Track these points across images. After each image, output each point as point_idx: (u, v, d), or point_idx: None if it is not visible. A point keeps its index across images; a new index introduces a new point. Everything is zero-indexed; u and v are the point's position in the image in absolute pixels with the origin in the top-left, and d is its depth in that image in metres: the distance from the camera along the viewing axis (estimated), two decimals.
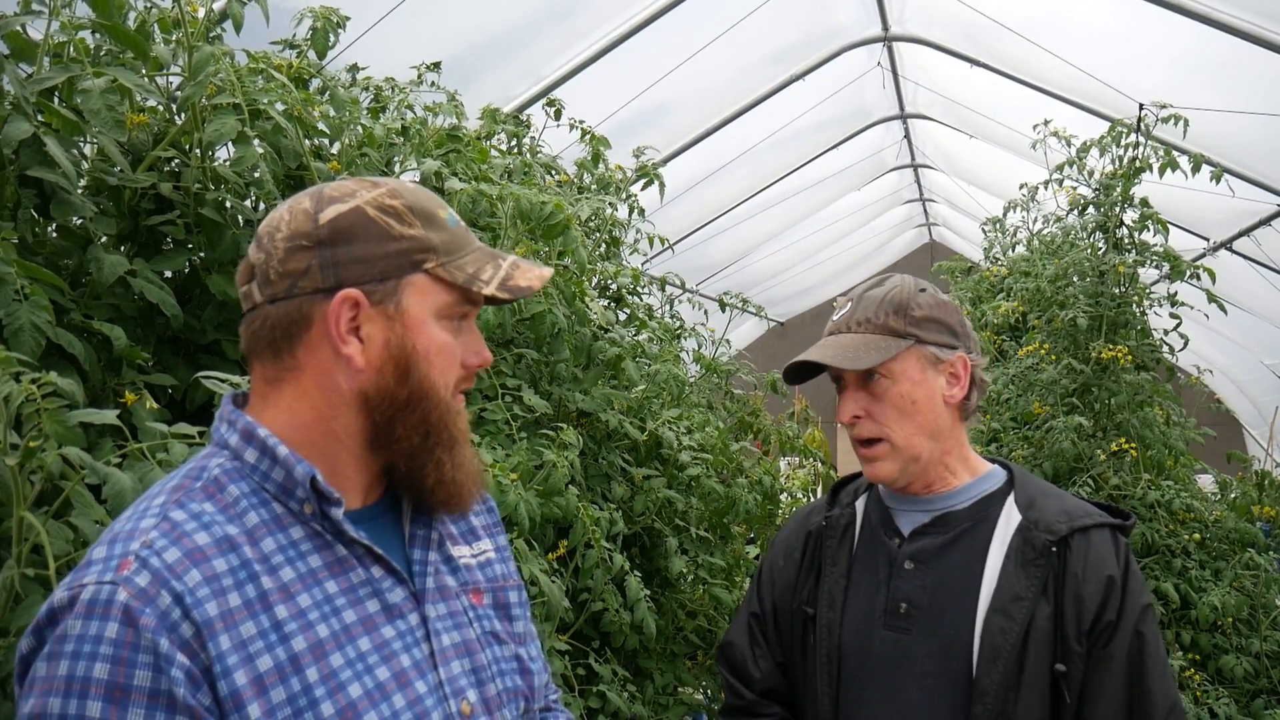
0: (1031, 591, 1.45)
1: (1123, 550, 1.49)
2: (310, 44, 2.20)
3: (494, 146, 2.90)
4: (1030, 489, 1.55)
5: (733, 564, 3.00)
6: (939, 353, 1.53)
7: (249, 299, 1.02)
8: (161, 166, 1.81)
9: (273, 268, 0.99)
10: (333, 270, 0.98)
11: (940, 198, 9.57)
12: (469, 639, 1.08)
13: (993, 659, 1.42)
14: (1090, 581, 1.45)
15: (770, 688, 1.67)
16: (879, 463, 1.53)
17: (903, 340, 1.51)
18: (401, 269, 1.00)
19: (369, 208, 1.00)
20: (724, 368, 3.60)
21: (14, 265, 1.40)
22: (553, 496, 2.05)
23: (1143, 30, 4.46)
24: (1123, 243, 3.76)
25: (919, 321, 1.53)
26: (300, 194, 1.04)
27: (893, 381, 1.51)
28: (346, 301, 0.98)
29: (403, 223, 1.01)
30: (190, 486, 0.97)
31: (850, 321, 1.56)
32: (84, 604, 0.86)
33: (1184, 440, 3.81)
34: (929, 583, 1.51)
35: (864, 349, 1.51)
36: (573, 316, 2.35)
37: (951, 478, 1.57)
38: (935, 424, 1.53)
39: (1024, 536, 1.49)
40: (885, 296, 1.55)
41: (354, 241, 0.99)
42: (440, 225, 1.04)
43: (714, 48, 5.18)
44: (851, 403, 1.54)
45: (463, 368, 1.06)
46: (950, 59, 5.74)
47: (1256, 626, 3.33)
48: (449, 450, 1.04)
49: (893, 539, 1.57)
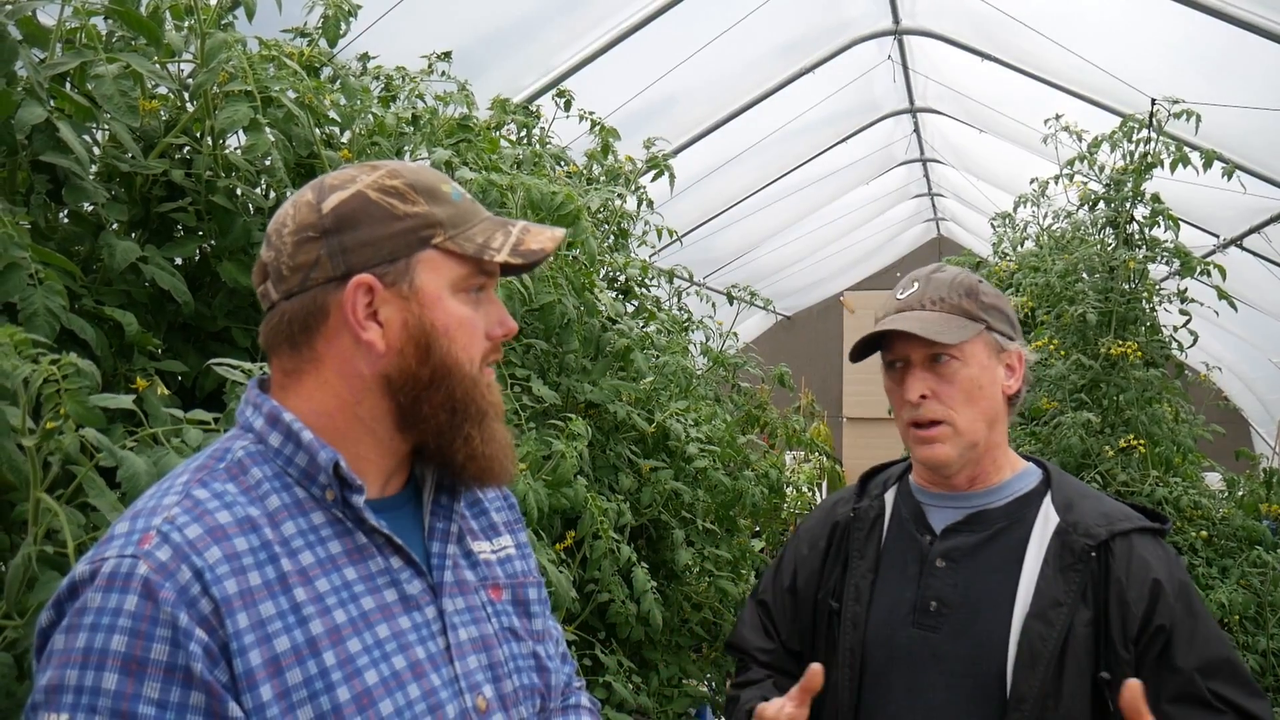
0: (1070, 597, 1.42)
1: (1166, 552, 1.47)
2: (321, 32, 2.20)
3: (504, 137, 2.90)
4: (1067, 489, 1.53)
5: (739, 556, 3.00)
6: (1002, 341, 1.52)
7: (266, 298, 1.02)
8: (173, 153, 1.81)
9: (284, 263, 0.99)
10: (342, 257, 0.98)
11: (949, 192, 9.54)
12: (486, 634, 1.07)
13: (1031, 665, 1.39)
14: (1134, 586, 1.42)
15: (781, 669, 1.65)
16: (938, 445, 1.50)
17: (976, 324, 1.49)
18: (410, 247, 1.00)
19: (370, 191, 1.00)
20: (731, 360, 3.60)
21: (28, 250, 1.40)
22: (561, 487, 2.05)
23: (1154, 24, 4.43)
24: (1133, 238, 3.74)
25: (987, 308, 1.51)
26: (303, 188, 1.03)
27: (963, 364, 1.48)
28: (360, 287, 0.98)
29: (406, 201, 1.01)
30: (214, 467, 0.97)
31: (923, 299, 1.51)
32: (104, 577, 0.86)
33: (1192, 437, 3.80)
34: (961, 582, 1.48)
35: (946, 325, 1.47)
36: (582, 307, 2.36)
37: (994, 473, 1.55)
38: (994, 412, 1.52)
39: (1062, 540, 1.46)
40: (955, 279, 1.53)
41: (359, 226, 0.99)
42: (444, 199, 1.03)
43: (723, 40, 5.16)
44: (919, 382, 1.50)
45: (487, 339, 1.05)
46: (960, 53, 5.72)
47: (1263, 624, 3.33)
48: (477, 425, 1.03)
49: (924, 535, 1.55)
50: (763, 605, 1.71)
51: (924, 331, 1.46)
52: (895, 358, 1.53)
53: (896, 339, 1.50)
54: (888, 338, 1.51)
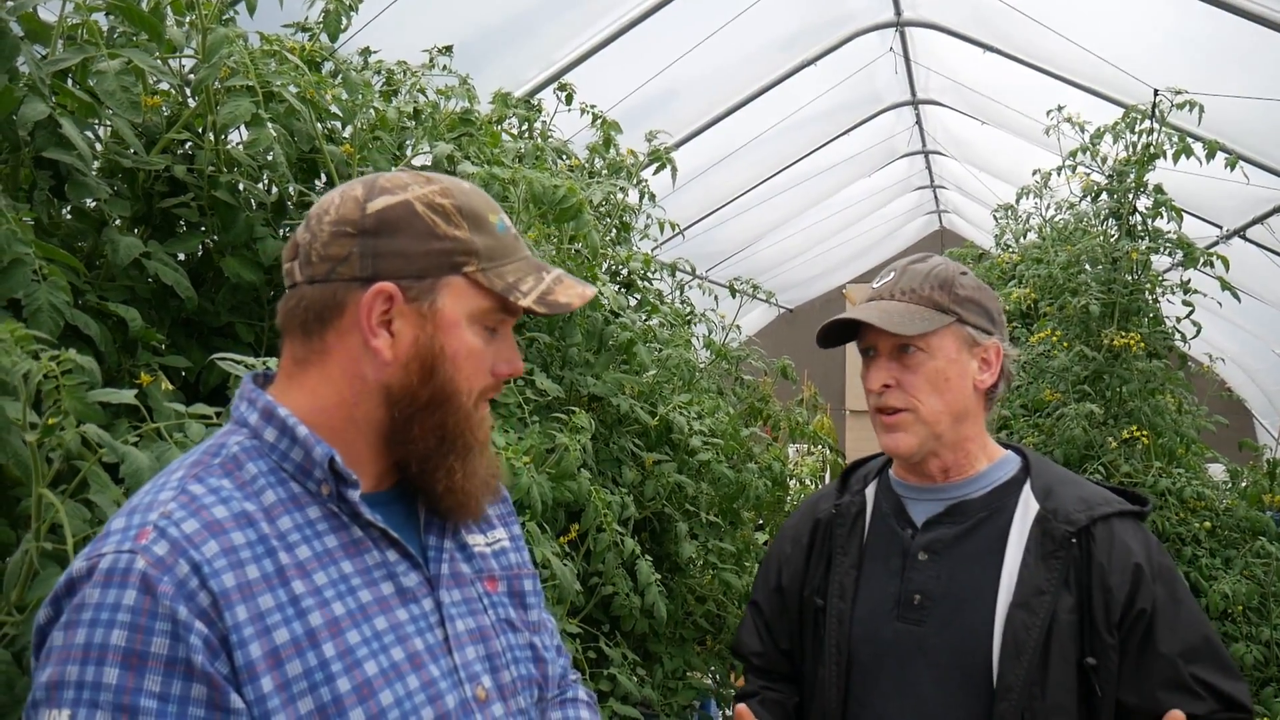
0: (1053, 585, 1.42)
1: (1146, 535, 1.48)
2: (322, 27, 2.20)
3: (506, 131, 2.89)
4: (1046, 476, 1.53)
5: (742, 549, 3.01)
6: (976, 335, 1.51)
7: (290, 276, 1.02)
8: (175, 149, 1.81)
9: (315, 249, 1.00)
10: (372, 261, 0.98)
11: (951, 184, 9.53)
12: (483, 625, 1.08)
13: (1016, 654, 1.40)
14: (1116, 571, 1.42)
15: (775, 671, 1.66)
16: (899, 433, 1.51)
17: (945, 316, 1.49)
18: (441, 269, 1.00)
19: (418, 203, 1.00)
20: (734, 353, 3.60)
21: (32, 246, 1.40)
22: (565, 480, 2.05)
23: (1158, 14, 4.42)
24: (1136, 229, 3.73)
25: (962, 300, 1.51)
26: (355, 180, 1.04)
27: (929, 355, 1.49)
28: (381, 294, 0.98)
29: (450, 223, 1.01)
30: (209, 463, 0.97)
31: (894, 290, 1.52)
32: (102, 572, 0.87)
33: (1195, 428, 3.80)
34: (944, 574, 1.49)
35: (908, 317, 1.48)
36: None
37: (971, 463, 1.55)
38: (962, 405, 1.51)
39: (1043, 528, 1.46)
40: (931, 271, 1.53)
41: (397, 235, 0.99)
42: (487, 230, 1.03)
43: (724, 33, 5.15)
44: (883, 371, 1.51)
45: (492, 375, 1.05)
46: (962, 44, 5.70)
47: (1267, 615, 3.33)
48: (462, 458, 1.04)
49: (906, 529, 1.55)
50: (756, 607, 1.71)
51: (881, 322, 1.47)
52: (866, 345, 1.54)
53: (866, 327, 1.51)
54: (862, 325, 1.52)
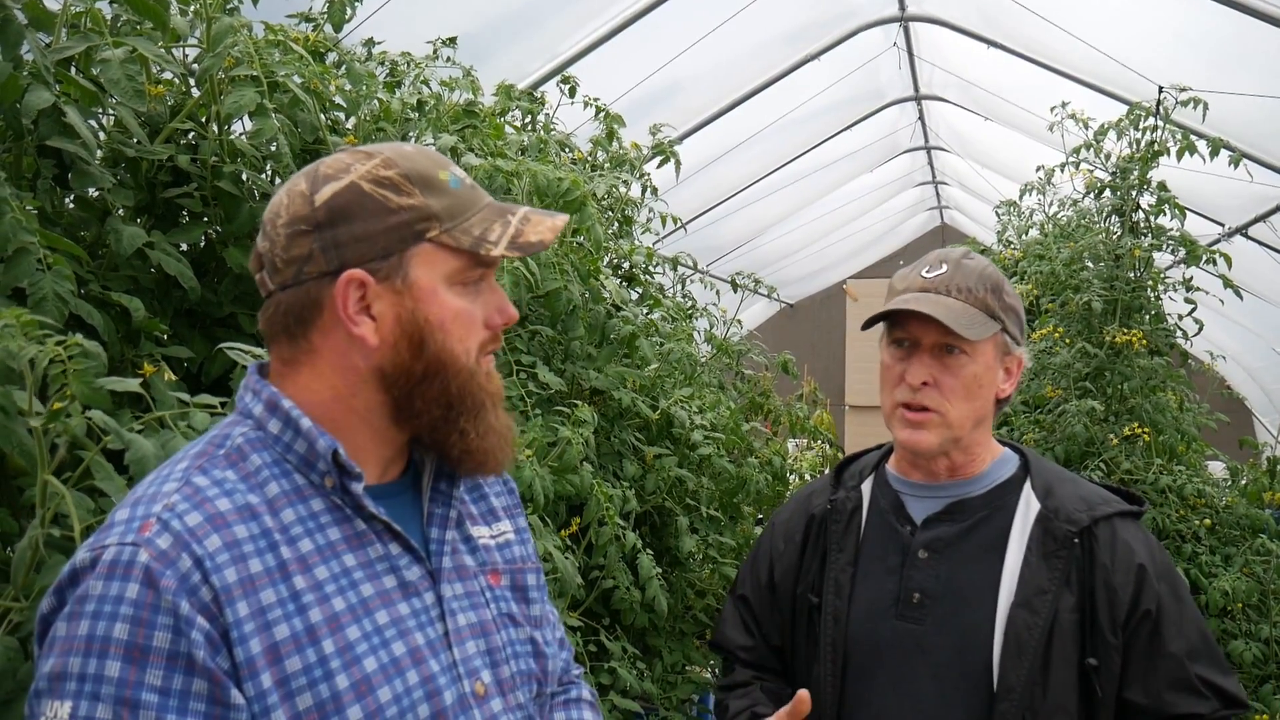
0: (1054, 584, 1.42)
1: (1145, 535, 1.48)
2: (326, 17, 2.20)
3: (509, 123, 2.89)
4: (1046, 475, 1.53)
5: (743, 543, 3.01)
6: (1010, 344, 1.50)
7: (263, 286, 1.01)
8: (179, 138, 1.80)
9: (278, 255, 0.98)
10: (335, 252, 0.97)
11: (953, 180, 9.52)
12: (485, 620, 1.07)
13: (1017, 654, 1.39)
14: (1120, 571, 1.42)
15: (764, 666, 1.65)
16: (924, 430, 1.48)
17: (994, 322, 1.47)
18: (404, 241, 0.98)
19: (364, 182, 0.98)
20: (735, 348, 3.60)
21: (36, 235, 1.40)
22: (566, 473, 2.05)
23: (1162, 11, 4.41)
24: (1139, 227, 3.73)
25: (1007, 308, 1.49)
26: (296, 174, 1.02)
27: (970, 359, 1.46)
28: (352, 282, 0.97)
29: (400, 193, 0.99)
30: (213, 453, 0.97)
31: (950, 285, 1.47)
32: (105, 565, 0.87)
33: (1196, 426, 3.80)
34: (944, 573, 1.47)
35: (968, 319, 1.44)
36: (587, 294, 2.35)
37: (973, 463, 1.54)
38: (985, 411, 1.50)
39: (1044, 527, 1.45)
40: (984, 271, 1.50)
41: (352, 220, 0.97)
42: (440, 189, 1.01)
43: (728, 26, 5.14)
44: (924, 368, 1.47)
45: (486, 329, 1.04)
46: (966, 40, 5.69)
47: (1266, 612, 3.33)
48: (473, 418, 1.03)
49: (905, 526, 1.53)
50: (743, 601, 1.69)
51: (950, 321, 1.43)
52: (905, 337, 1.50)
53: (912, 319, 1.47)
54: (902, 314, 1.48)
